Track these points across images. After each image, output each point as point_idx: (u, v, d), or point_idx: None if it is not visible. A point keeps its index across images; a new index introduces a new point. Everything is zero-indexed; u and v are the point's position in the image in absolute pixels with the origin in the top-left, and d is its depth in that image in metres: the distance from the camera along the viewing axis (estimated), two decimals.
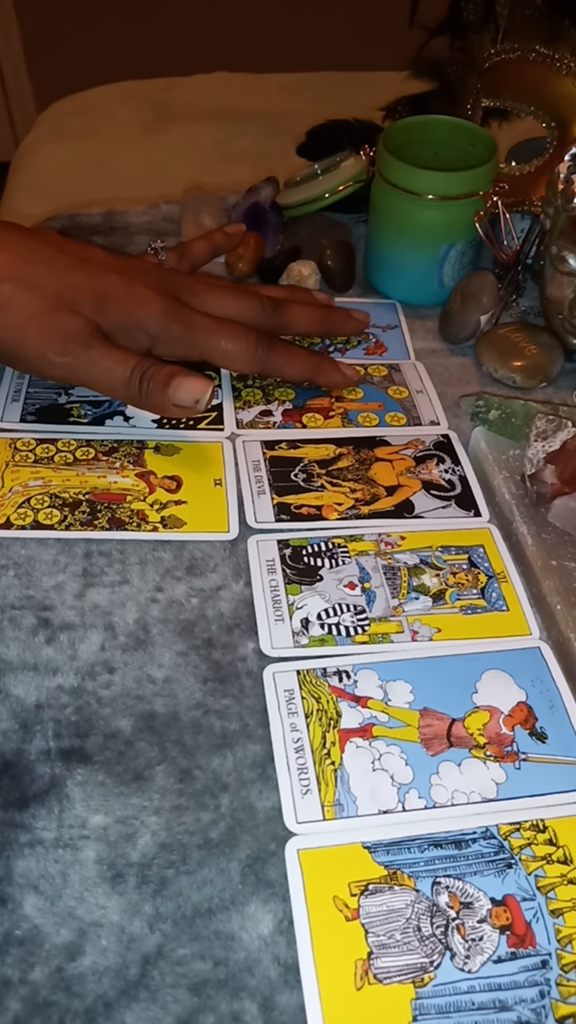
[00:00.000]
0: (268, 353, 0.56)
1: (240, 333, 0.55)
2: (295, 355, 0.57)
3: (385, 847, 0.37)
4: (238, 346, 0.55)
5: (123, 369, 0.51)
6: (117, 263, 0.55)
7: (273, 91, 1.43)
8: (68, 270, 0.53)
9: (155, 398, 0.51)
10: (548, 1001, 0.33)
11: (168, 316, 0.53)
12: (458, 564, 0.48)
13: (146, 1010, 0.33)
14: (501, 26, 0.70)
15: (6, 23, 2.29)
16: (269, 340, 0.56)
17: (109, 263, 0.55)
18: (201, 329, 0.54)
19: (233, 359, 0.56)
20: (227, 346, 0.55)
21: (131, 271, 0.55)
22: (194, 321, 0.54)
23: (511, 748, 0.40)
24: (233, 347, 0.55)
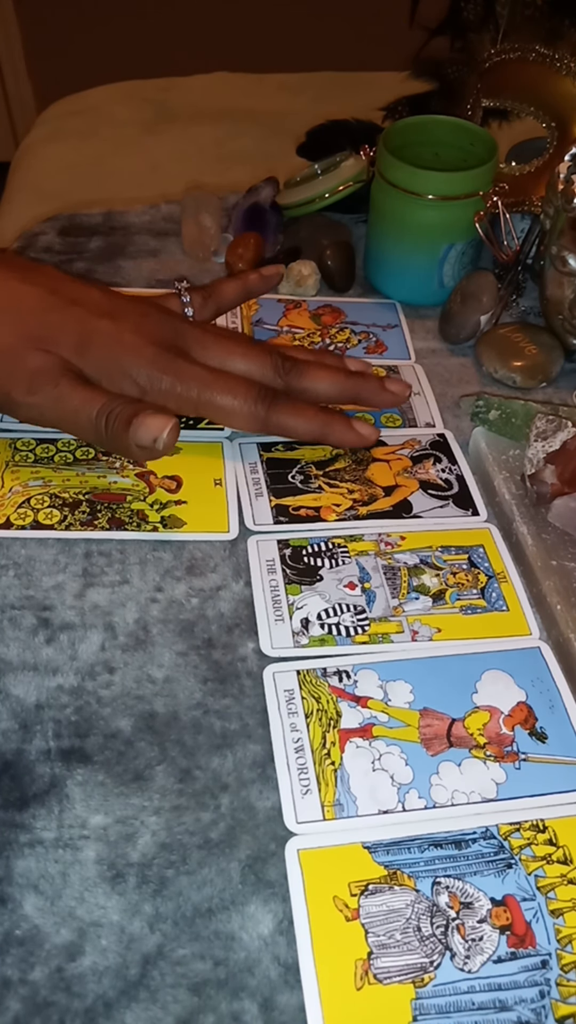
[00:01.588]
0: (270, 411, 0.51)
1: (238, 388, 0.51)
2: (302, 413, 0.52)
3: (385, 847, 0.37)
4: (235, 402, 0.51)
5: (90, 408, 0.48)
6: (113, 307, 0.52)
7: (273, 91, 1.43)
8: (52, 310, 0.51)
9: (119, 440, 0.48)
10: (548, 1001, 0.33)
11: (157, 366, 0.50)
12: (458, 564, 0.48)
13: (146, 1010, 0.33)
14: (501, 26, 0.70)
15: (6, 23, 2.29)
16: (272, 396, 0.51)
17: (103, 306, 0.52)
18: (195, 382, 0.50)
19: (230, 416, 0.51)
20: (223, 402, 0.51)
21: (126, 316, 0.52)
22: (186, 373, 0.50)
23: (511, 748, 0.40)
24: (230, 403, 0.51)
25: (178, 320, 0.54)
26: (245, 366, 0.53)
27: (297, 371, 0.53)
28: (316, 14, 2.16)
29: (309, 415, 0.52)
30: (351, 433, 0.53)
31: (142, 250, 0.72)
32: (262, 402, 0.51)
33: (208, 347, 0.53)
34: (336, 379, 0.54)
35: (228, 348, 0.53)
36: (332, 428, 0.52)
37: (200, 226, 0.70)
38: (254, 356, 0.53)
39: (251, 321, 0.65)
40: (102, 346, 0.50)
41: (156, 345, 0.50)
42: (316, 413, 0.52)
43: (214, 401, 0.50)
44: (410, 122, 0.67)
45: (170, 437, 0.48)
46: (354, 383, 0.55)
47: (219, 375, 0.51)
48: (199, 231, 0.70)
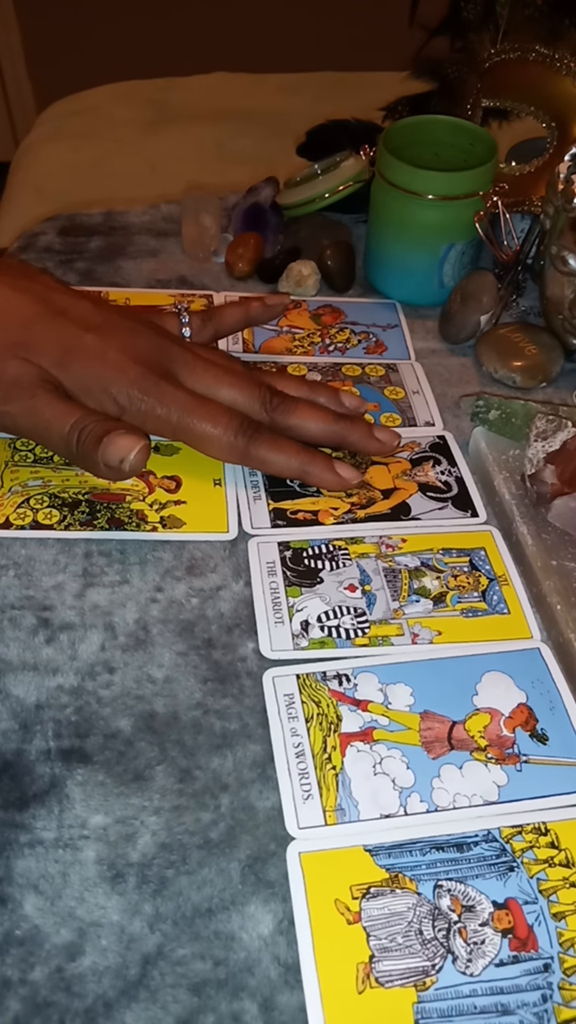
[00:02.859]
0: (250, 443, 0.50)
1: (220, 417, 0.50)
2: (283, 449, 0.50)
3: (387, 850, 0.37)
4: (215, 431, 0.49)
5: (63, 422, 0.47)
6: (102, 321, 0.51)
7: (273, 91, 1.43)
8: (38, 321, 0.50)
9: (88, 457, 0.47)
10: (550, 1005, 0.33)
11: (138, 386, 0.49)
12: (459, 567, 0.48)
13: (146, 1010, 0.33)
14: (501, 26, 0.70)
15: (6, 23, 2.29)
16: (254, 429, 0.50)
17: (91, 320, 0.51)
18: (176, 406, 0.49)
19: (209, 445, 0.50)
20: (202, 429, 0.49)
21: (114, 332, 0.50)
22: (168, 396, 0.49)
23: (512, 750, 0.40)
24: (210, 432, 0.49)
25: (169, 341, 0.52)
26: (231, 396, 0.52)
27: (284, 408, 0.52)
28: (316, 14, 2.16)
29: (290, 452, 0.51)
30: (330, 475, 0.51)
31: (142, 250, 0.72)
32: (243, 434, 0.50)
33: (196, 372, 0.51)
34: (323, 420, 0.53)
35: (217, 375, 0.52)
36: (312, 468, 0.51)
37: (200, 226, 0.70)
38: (242, 387, 0.52)
39: None
40: (84, 361, 0.49)
41: (141, 365, 0.49)
42: (297, 451, 0.51)
43: (193, 428, 0.49)
44: (410, 122, 0.67)
45: (137, 459, 0.46)
46: (341, 427, 0.53)
47: (202, 402, 0.50)
48: (199, 231, 0.70)
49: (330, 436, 0.53)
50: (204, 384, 0.51)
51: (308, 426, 0.52)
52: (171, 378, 0.50)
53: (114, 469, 0.47)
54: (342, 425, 0.53)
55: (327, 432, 0.53)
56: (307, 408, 0.53)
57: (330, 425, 0.53)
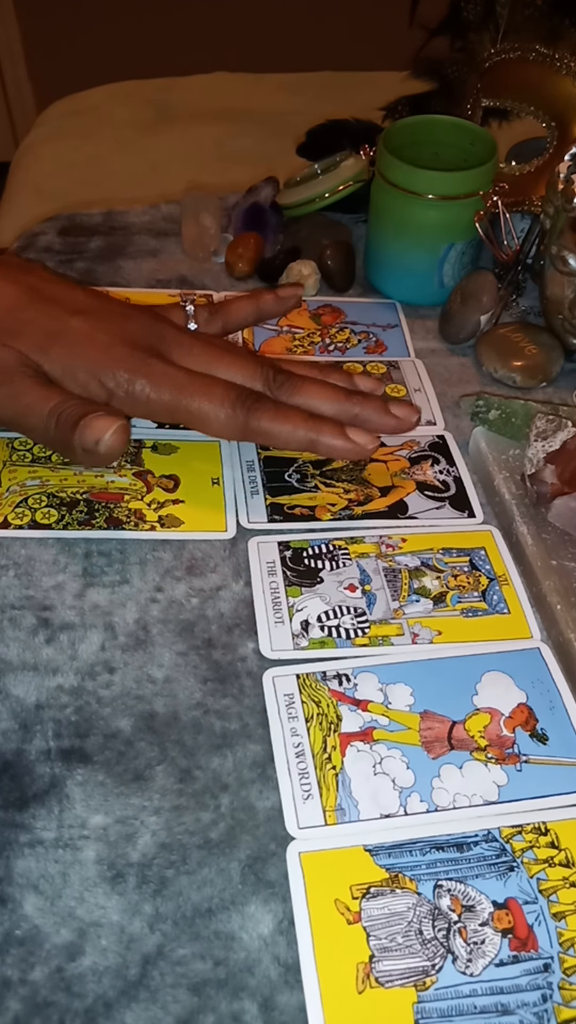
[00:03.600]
0: (250, 415, 0.47)
1: (215, 390, 0.47)
2: (287, 418, 0.47)
3: (387, 850, 0.37)
4: (211, 405, 0.47)
5: (42, 407, 0.46)
6: (92, 306, 0.49)
7: (273, 91, 1.43)
8: (26, 307, 0.48)
9: (65, 441, 0.45)
10: (550, 1005, 0.33)
11: (126, 366, 0.46)
12: (459, 567, 0.48)
13: (146, 1010, 0.33)
14: (501, 26, 0.70)
15: (6, 23, 2.29)
16: (253, 399, 0.47)
17: (80, 305, 0.49)
18: (168, 385, 0.47)
19: (206, 421, 0.47)
20: (198, 405, 0.47)
21: (104, 316, 0.49)
22: (159, 375, 0.47)
23: (512, 750, 0.40)
24: (206, 407, 0.47)
25: (165, 324, 0.50)
26: (230, 374, 0.49)
27: (289, 385, 0.49)
28: (316, 14, 2.16)
29: (296, 420, 0.47)
30: (343, 441, 0.48)
31: (142, 250, 0.72)
32: (241, 405, 0.47)
33: (193, 352, 0.49)
34: (332, 398, 0.50)
35: (215, 355, 0.49)
36: (322, 436, 0.48)
37: (200, 226, 0.70)
38: (243, 365, 0.50)
39: None
40: (69, 344, 0.47)
41: (129, 345, 0.47)
42: (304, 419, 0.48)
43: (188, 405, 0.47)
44: (410, 122, 0.67)
45: (113, 440, 0.44)
46: (353, 403, 0.50)
47: (195, 377, 0.47)
48: (199, 231, 0.70)
49: (340, 412, 0.50)
50: (201, 362, 0.49)
51: (315, 403, 0.49)
52: (162, 358, 0.48)
53: (91, 452, 0.45)
54: (353, 401, 0.50)
55: (337, 409, 0.50)
56: (314, 385, 0.50)
57: (340, 402, 0.50)
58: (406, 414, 0.51)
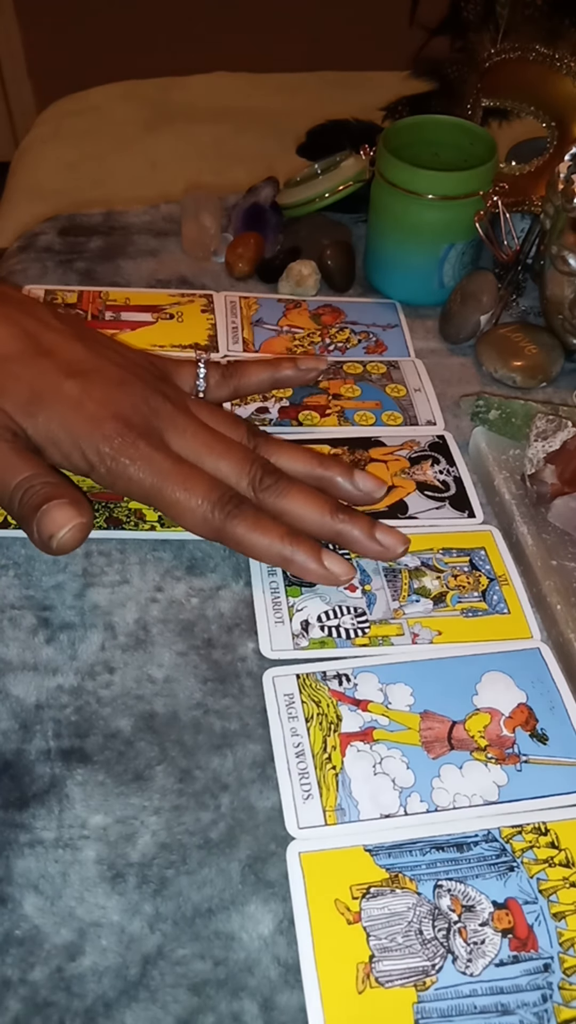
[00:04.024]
0: (228, 520, 0.44)
1: (199, 485, 0.44)
2: (265, 530, 0.44)
3: (387, 850, 0.37)
4: (190, 500, 0.44)
5: (9, 478, 0.43)
6: (91, 367, 0.46)
7: (273, 91, 1.43)
8: (17, 359, 0.45)
9: (27, 522, 0.43)
10: (550, 1005, 0.33)
11: (110, 443, 0.44)
12: (459, 567, 0.48)
13: (146, 1010, 0.33)
14: (501, 26, 0.70)
15: (6, 23, 2.29)
16: (234, 504, 0.44)
17: (77, 364, 0.46)
18: (152, 470, 0.44)
19: (182, 516, 0.45)
20: (176, 498, 0.44)
21: (100, 380, 0.46)
22: (144, 457, 0.44)
23: (512, 750, 0.40)
24: (183, 500, 0.44)
25: (162, 397, 0.47)
26: (218, 466, 0.46)
27: (275, 489, 0.46)
28: (316, 14, 2.16)
29: (272, 534, 0.44)
30: (316, 566, 0.45)
31: (142, 250, 0.72)
32: (220, 508, 0.44)
33: (186, 435, 0.46)
34: (318, 510, 0.46)
35: (207, 442, 0.46)
36: (296, 555, 0.44)
37: (200, 226, 0.70)
38: (233, 459, 0.46)
39: (251, 321, 0.65)
40: (57, 411, 0.44)
41: (119, 421, 0.44)
42: (282, 535, 0.44)
43: (167, 495, 0.44)
44: (410, 122, 0.67)
45: (68, 537, 0.42)
46: (338, 521, 0.46)
47: (181, 467, 0.44)
48: (199, 231, 0.70)
49: (324, 530, 0.46)
50: (191, 448, 0.46)
51: (299, 514, 0.46)
52: (153, 437, 0.45)
53: (44, 543, 0.42)
54: (340, 519, 0.46)
55: (321, 525, 0.46)
56: (301, 494, 0.46)
57: (325, 517, 0.46)
58: (392, 544, 0.47)
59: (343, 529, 0.46)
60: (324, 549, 0.45)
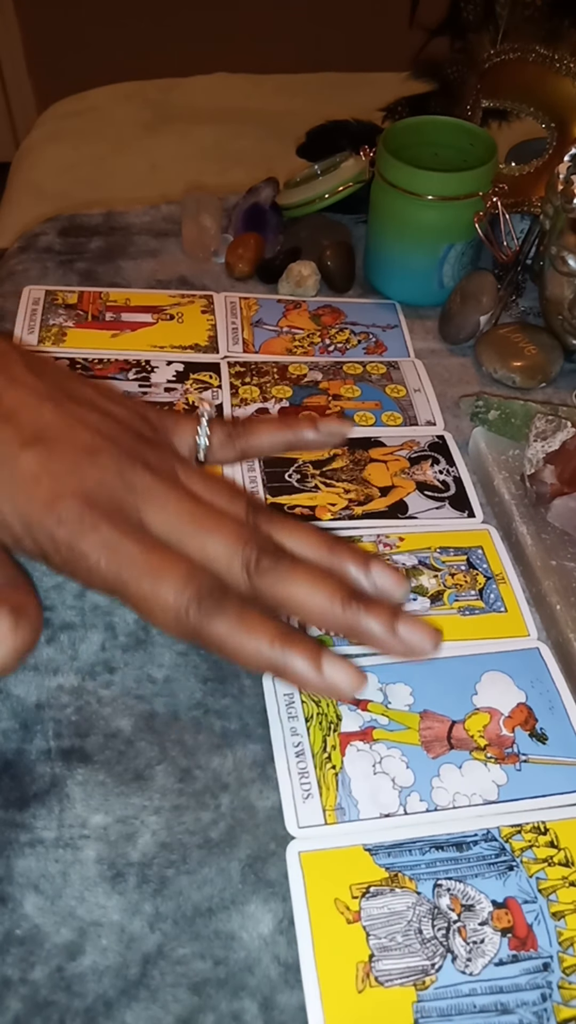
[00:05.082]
0: (205, 619, 0.35)
1: (170, 574, 0.36)
2: (252, 629, 0.36)
3: (386, 849, 0.37)
4: (160, 596, 0.36)
5: None
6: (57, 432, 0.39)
7: (273, 92, 1.43)
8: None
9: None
10: (550, 1004, 0.33)
11: (69, 529, 0.36)
12: (456, 565, 0.48)
13: (146, 1009, 0.33)
14: (501, 27, 0.70)
15: (6, 23, 2.29)
16: (215, 598, 0.36)
17: (41, 430, 0.38)
18: (115, 558, 0.36)
19: (150, 612, 0.36)
20: (143, 591, 0.36)
21: (64, 448, 0.38)
22: (106, 544, 0.36)
23: (511, 750, 0.40)
24: (151, 594, 0.36)
25: (140, 466, 0.39)
26: (204, 546, 0.38)
27: (275, 573, 0.37)
28: (316, 15, 2.16)
29: (261, 633, 0.36)
30: (315, 676, 0.36)
31: (142, 250, 0.72)
32: (197, 603, 0.35)
33: (167, 509, 0.38)
34: (329, 594, 0.37)
35: (194, 517, 0.38)
36: (290, 660, 0.36)
37: (200, 226, 0.70)
38: (224, 535, 0.38)
39: (251, 322, 0.65)
40: (8, 488, 0.37)
41: (79, 499, 0.37)
42: (273, 634, 0.36)
43: (130, 587, 0.36)
44: (410, 123, 0.67)
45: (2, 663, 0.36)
46: (353, 608, 0.37)
47: (151, 553, 0.36)
48: (199, 231, 0.70)
49: (333, 622, 0.38)
50: (172, 526, 0.38)
51: (303, 601, 0.37)
52: (121, 518, 0.37)
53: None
54: (353, 609, 0.37)
55: (329, 616, 0.37)
56: (306, 576, 0.37)
57: (335, 605, 0.37)
58: (418, 641, 0.37)
59: (357, 622, 0.37)
60: (326, 651, 0.36)
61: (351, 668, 0.36)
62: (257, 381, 0.60)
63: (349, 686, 0.36)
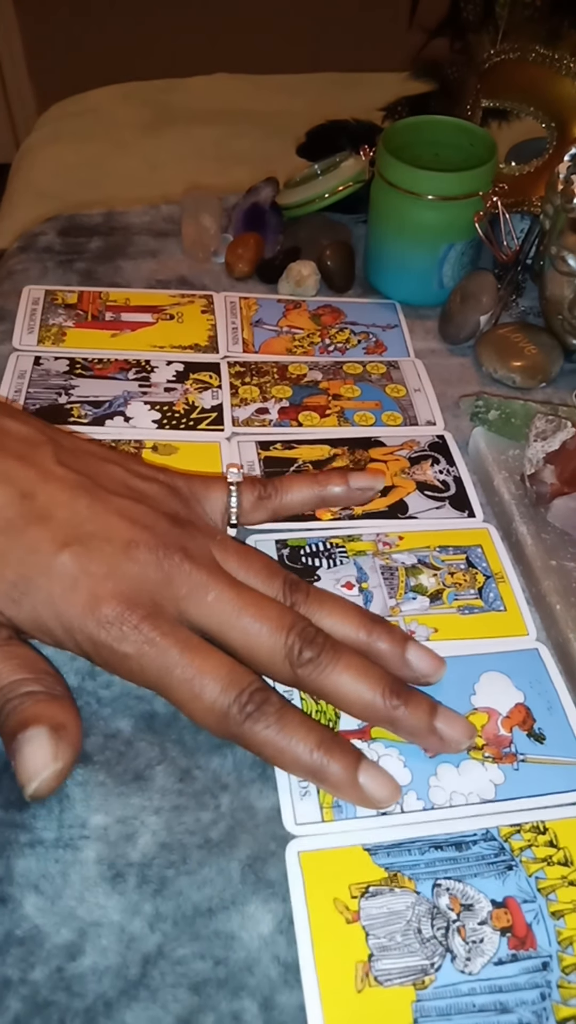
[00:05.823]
0: (246, 722, 0.36)
1: (211, 676, 0.37)
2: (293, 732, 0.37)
3: (386, 849, 0.37)
4: (202, 697, 0.37)
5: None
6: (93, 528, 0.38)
7: (273, 92, 1.43)
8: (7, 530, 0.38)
9: (7, 744, 0.37)
10: (549, 1003, 0.33)
11: (108, 630, 0.37)
12: (456, 564, 0.48)
13: (146, 1009, 0.33)
14: (501, 27, 0.70)
15: (6, 24, 2.29)
16: (256, 702, 0.37)
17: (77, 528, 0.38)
18: (156, 658, 0.37)
19: (192, 713, 0.37)
20: (184, 692, 0.37)
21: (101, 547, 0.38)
22: (146, 644, 0.37)
23: (509, 749, 0.40)
24: (193, 695, 0.37)
25: (181, 553, 0.39)
26: (244, 636, 0.38)
27: (319, 666, 0.38)
28: (316, 15, 2.16)
29: (300, 736, 0.37)
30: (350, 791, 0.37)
31: (142, 250, 0.72)
32: (239, 706, 0.36)
33: (208, 600, 0.38)
34: (371, 691, 0.38)
35: (236, 605, 0.39)
36: (329, 772, 0.36)
37: (200, 226, 0.70)
38: (267, 624, 0.38)
39: (251, 322, 0.65)
40: (43, 594, 0.37)
41: (119, 600, 0.37)
42: (315, 743, 0.37)
43: (173, 688, 0.37)
44: (410, 122, 0.67)
45: (43, 788, 0.36)
46: (394, 710, 0.38)
47: (192, 653, 0.37)
48: (199, 231, 0.70)
49: (373, 715, 0.39)
50: (214, 615, 0.39)
51: (346, 693, 0.38)
52: (161, 615, 0.38)
53: (21, 788, 0.36)
54: (395, 704, 0.38)
55: (371, 709, 0.38)
56: (351, 668, 0.38)
57: (376, 698, 0.38)
58: (455, 737, 0.39)
59: (398, 717, 0.38)
60: (364, 760, 0.37)
61: (387, 780, 0.37)
62: (257, 381, 0.60)
63: (383, 798, 0.37)
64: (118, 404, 0.56)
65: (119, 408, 0.56)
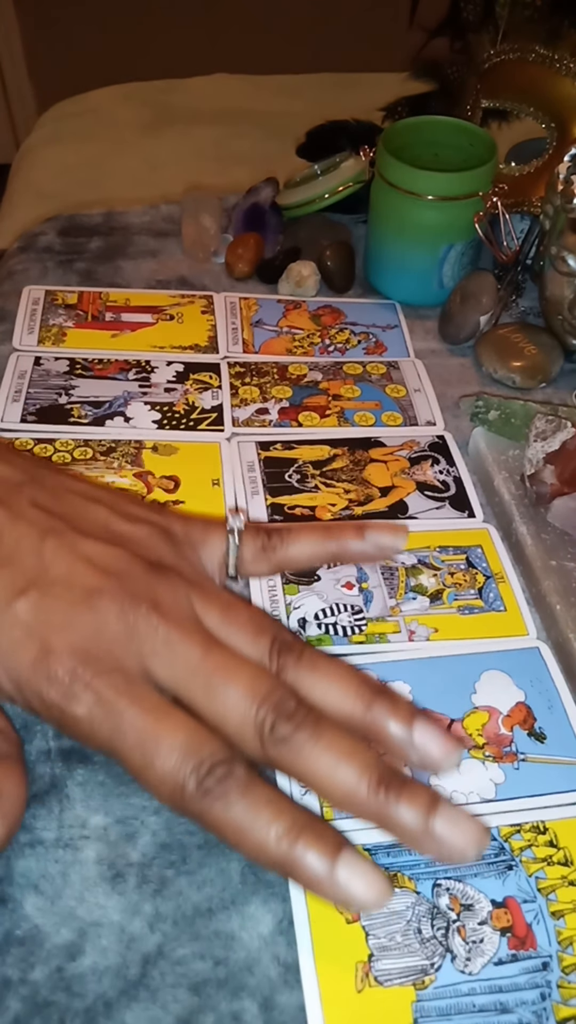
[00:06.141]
0: (202, 800, 0.31)
1: (167, 744, 0.32)
2: (258, 812, 0.31)
3: (385, 849, 0.37)
4: (156, 766, 0.32)
5: None
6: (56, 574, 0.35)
7: (273, 92, 1.43)
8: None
9: None
10: (549, 1003, 0.33)
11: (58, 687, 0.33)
12: (456, 564, 0.48)
13: (146, 1009, 0.33)
14: (501, 27, 0.70)
15: (6, 24, 2.29)
16: (217, 776, 0.31)
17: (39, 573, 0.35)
18: (109, 719, 0.33)
19: (146, 783, 0.33)
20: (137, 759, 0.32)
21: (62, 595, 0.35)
22: (98, 704, 0.33)
23: (509, 748, 0.40)
24: (146, 763, 0.32)
25: (149, 605, 0.35)
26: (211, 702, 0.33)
27: (292, 746, 0.32)
28: (315, 15, 2.16)
29: (265, 816, 0.31)
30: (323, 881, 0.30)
31: (142, 250, 0.72)
32: (196, 782, 0.31)
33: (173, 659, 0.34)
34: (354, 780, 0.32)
35: (204, 667, 0.34)
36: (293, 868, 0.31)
37: (200, 226, 0.70)
38: (238, 690, 0.33)
39: (251, 322, 0.65)
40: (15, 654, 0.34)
41: (73, 656, 0.33)
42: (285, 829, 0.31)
43: (125, 753, 0.33)
44: (410, 123, 0.67)
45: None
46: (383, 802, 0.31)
47: (148, 715, 0.32)
48: (199, 231, 0.70)
49: (358, 808, 0.32)
50: (179, 677, 0.34)
51: (323, 781, 0.32)
52: (121, 671, 0.34)
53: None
54: (383, 796, 0.31)
55: (353, 801, 0.32)
56: (331, 750, 0.32)
57: (360, 789, 0.32)
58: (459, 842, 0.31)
59: (387, 811, 0.31)
60: (346, 848, 0.31)
61: (374, 877, 0.30)
62: (257, 381, 0.60)
63: (368, 899, 0.30)
64: (118, 404, 0.56)
65: (119, 408, 0.56)
